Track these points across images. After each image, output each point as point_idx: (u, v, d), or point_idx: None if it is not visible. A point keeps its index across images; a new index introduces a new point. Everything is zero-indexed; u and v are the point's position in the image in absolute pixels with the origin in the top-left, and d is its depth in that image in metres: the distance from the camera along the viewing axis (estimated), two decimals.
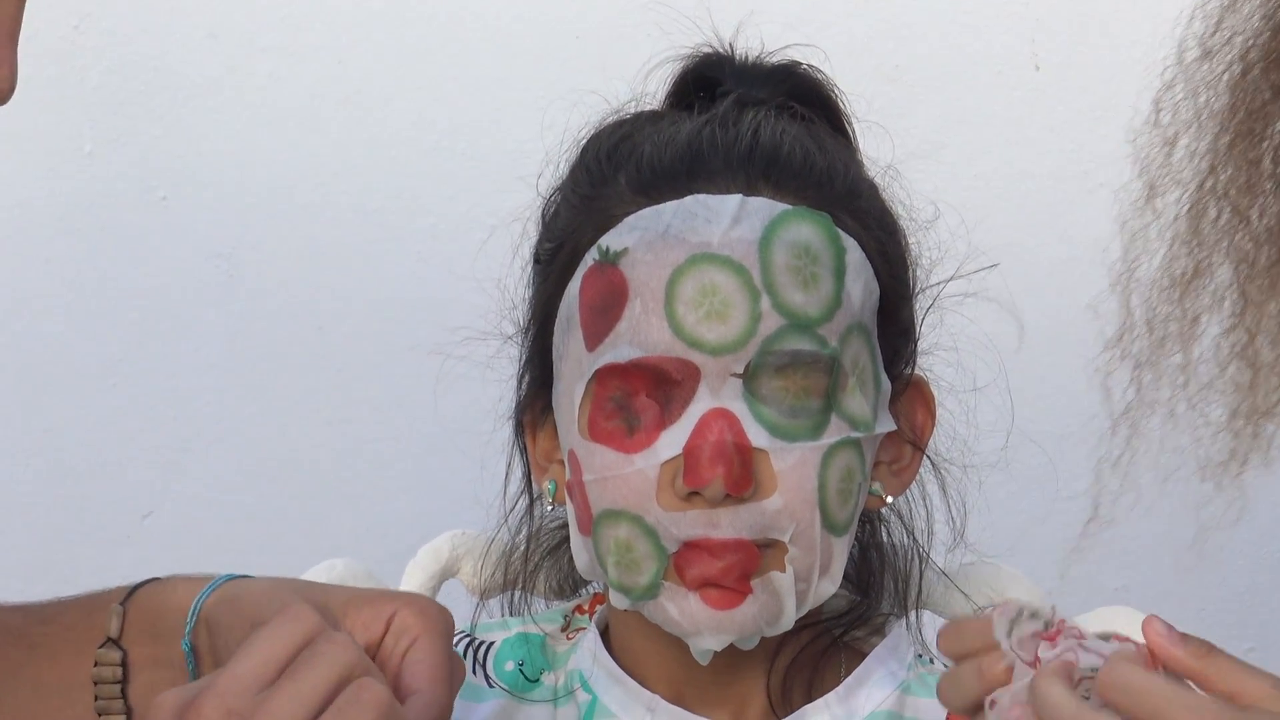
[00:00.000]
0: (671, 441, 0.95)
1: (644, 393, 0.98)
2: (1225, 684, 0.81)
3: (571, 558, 1.06)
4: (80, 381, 1.83)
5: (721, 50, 1.04)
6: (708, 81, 1.04)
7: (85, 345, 1.83)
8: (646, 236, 0.97)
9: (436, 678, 0.91)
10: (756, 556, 0.95)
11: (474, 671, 1.09)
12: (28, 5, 0.88)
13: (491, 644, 1.11)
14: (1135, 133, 0.95)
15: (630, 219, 0.97)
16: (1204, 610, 1.68)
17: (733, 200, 0.97)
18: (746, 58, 1.05)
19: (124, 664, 1.01)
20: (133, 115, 1.72)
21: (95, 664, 1.01)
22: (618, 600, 1.00)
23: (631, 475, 0.97)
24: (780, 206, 0.97)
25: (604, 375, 0.97)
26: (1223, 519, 1.01)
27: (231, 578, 1.01)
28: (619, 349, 0.97)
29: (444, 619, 0.93)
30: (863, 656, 1.04)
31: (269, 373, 1.86)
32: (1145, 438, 1.02)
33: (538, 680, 1.09)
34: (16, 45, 0.90)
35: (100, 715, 1.00)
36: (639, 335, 0.96)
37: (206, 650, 0.98)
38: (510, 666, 1.10)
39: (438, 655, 0.92)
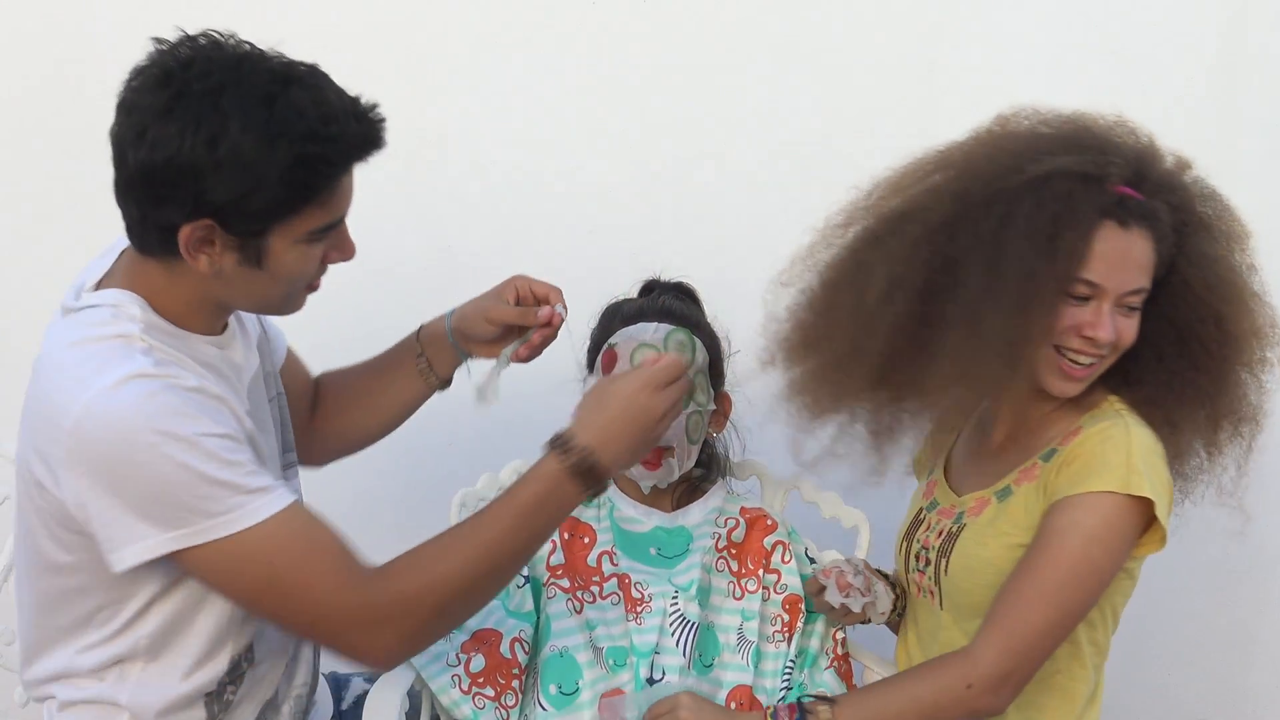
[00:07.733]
0: None
1: None
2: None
3: None
4: None
5: (651, 279, 1.95)
6: (648, 287, 1.95)
7: None
8: (624, 337, 1.81)
9: None
10: (662, 452, 1.80)
11: None
12: None
13: None
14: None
15: (619, 332, 1.83)
16: None
17: (653, 324, 1.81)
18: (665, 282, 1.93)
19: (422, 349, 1.75)
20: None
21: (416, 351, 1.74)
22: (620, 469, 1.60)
23: None
24: (670, 327, 1.81)
25: None
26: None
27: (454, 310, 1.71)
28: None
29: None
30: (705, 491, 1.91)
31: None
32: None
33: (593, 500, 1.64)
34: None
35: (420, 375, 1.74)
36: (621, 370, 1.73)
37: (457, 324, 1.71)
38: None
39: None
